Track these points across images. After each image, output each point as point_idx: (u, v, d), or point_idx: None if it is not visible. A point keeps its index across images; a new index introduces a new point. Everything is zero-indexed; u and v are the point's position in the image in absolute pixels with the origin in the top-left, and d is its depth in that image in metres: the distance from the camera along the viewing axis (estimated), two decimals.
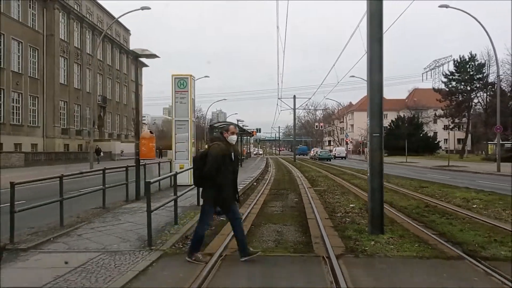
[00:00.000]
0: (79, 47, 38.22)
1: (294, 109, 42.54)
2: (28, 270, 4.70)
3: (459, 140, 63.75)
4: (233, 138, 5.10)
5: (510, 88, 41.06)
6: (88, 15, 40.17)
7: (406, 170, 25.26)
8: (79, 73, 38.37)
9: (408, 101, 77.41)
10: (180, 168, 12.60)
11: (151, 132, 12.35)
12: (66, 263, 4.78)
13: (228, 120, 58.26)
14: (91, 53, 40.02)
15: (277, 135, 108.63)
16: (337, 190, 13.04)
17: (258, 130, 67.52)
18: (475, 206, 9.55)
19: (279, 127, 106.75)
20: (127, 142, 41.53)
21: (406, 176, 19.13)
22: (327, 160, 45.95)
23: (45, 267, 4.75)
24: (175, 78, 12.89)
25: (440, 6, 22.63)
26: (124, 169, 10.42)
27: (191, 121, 12.90)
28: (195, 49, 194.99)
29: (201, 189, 5.24)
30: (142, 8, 22.18)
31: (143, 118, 65.35)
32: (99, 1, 42.44)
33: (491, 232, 6.60)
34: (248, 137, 47.86)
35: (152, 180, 5.99)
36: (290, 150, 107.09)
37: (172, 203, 7.04)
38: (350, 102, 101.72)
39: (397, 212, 8.63)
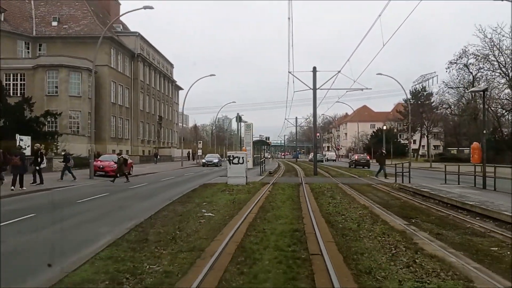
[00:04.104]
0: (148, 83, 58.06)
1: (296, 127, 62.32)
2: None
3: (434, 146, 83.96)
4: (384, 153, 24.67)
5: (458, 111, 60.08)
6: (153, 60, 60.03)
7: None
8: (147, 101, 58.21)
9: (392, 113, 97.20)
10: (248, 161, 32.31)
11: (244, 148, 30.97)
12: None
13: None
14: (153, 86, 59.92)
15: (281, 141, 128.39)
16: (312, 170, 32.72)
17: (267, 139, 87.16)
18: (356, 173, 29.19)
19: (284, 135, 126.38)
20: (174, 149, 61.40)
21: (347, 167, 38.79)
22: (320, 162, 65.49)
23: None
24: (245, 124, 32.57)
25: (378, 74, 42.32)
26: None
27: (252, 142, 32.60)
28: (199, 52, 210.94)
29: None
30: (211, 75, 41.82)
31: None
32: (158, 49, 62.45)
33: (341, 174, 26.34)
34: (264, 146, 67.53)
35: (263, 159, 25.75)
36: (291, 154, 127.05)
37: (257, 169, 26.74)
38: (346, 113, 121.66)
39: (325, 172, 28.30)
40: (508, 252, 6.70)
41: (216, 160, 45.20)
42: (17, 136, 25.67)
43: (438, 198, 13.01)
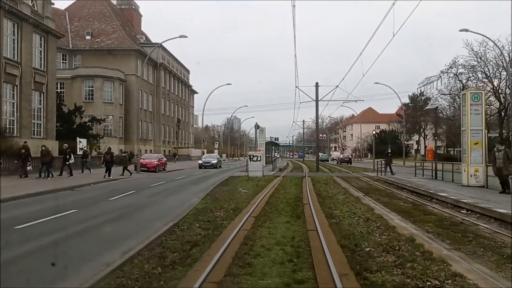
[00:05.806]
0: (168, 89, 64.88)
1: (303, 129, 68.80)
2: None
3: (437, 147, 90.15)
4: (389, 153, 30.75)
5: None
6: (172, 67, 66.87)
7: (356, 163, 51.25)
8: (168, 106, 65.04)
9: (396, 115, 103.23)
10: None
11: (259, 149, 37.42)
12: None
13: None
14: (173, 91, 66.79)
15: (289, 142, 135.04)
16: (315, 167, 39.11)
17: (276, 139, 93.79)
18: (352, 170, 35.54)
19: (293, 136, 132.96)
20: (192, 148, 68.21)
21: (346, 165, 45.18)
22: (326, 161, 71.85)
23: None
24: (259, 129, 39.03)
25: (375, 83, 48.54)
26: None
27: (264, 144, 39.01)
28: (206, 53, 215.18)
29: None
30: (228, 83, 48.32)
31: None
32: (177, 57, 69.34)
33: (339, 171, 32.74)
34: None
35: (274, 158, 32.28)
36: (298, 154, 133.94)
37: (270, 165, 33.25)
38: (352, 115, 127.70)
39: (326, 169, 34.72)
40: (407, 205, 13.14)
41: (214, 161, 40.62)
42: (77, 139, 32.44)
43: (395, 184, 19.46)
